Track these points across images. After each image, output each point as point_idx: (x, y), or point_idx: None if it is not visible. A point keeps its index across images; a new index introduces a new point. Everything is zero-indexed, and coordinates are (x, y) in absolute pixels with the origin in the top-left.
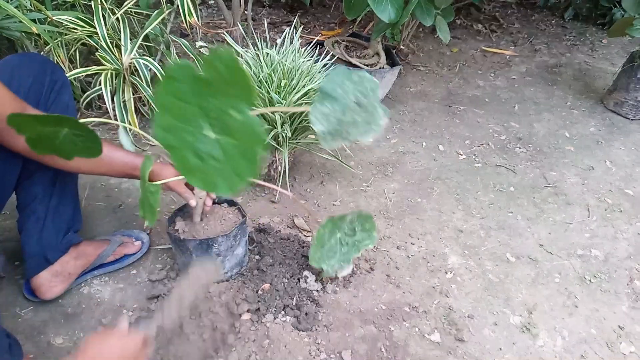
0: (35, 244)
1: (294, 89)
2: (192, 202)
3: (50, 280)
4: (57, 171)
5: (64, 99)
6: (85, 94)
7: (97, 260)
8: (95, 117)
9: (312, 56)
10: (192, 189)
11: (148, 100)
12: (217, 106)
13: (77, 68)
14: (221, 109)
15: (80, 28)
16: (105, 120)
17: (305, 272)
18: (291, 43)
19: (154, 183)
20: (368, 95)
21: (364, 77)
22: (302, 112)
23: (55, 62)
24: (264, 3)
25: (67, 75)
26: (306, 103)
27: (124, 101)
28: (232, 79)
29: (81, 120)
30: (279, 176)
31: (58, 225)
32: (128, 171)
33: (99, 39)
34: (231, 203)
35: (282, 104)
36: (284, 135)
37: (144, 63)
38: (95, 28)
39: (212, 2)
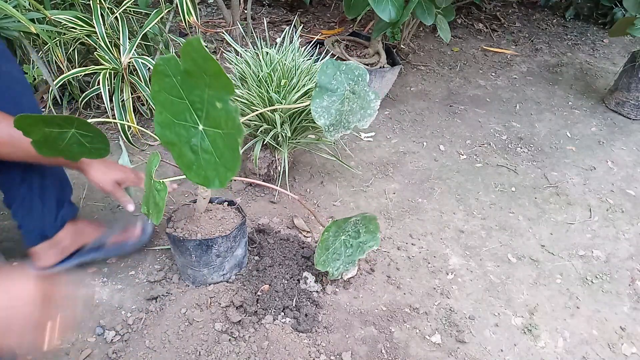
0: (30, 223)
1: (293, 88)
2: (130, 207)
3: (46, 251)
4: None
5: (2, 69)
6: (84, 94)
7: (96, 241)
8: (93, 116)
9: (312, 55)
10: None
11: (147, 100)
12: (202, 97)
13: (75, 67)
14: (206, 100)
15: (78, 27)
16: (105, 119)
17: (305, 273)
18: (291, 42)
19: (160, 181)
20: (358, 83)
21: (350, 65)
22: (302, 112)
23: (53, 61)
24: (264, 2)
25: (66, 75)
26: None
27: (123, 101)
28: (206, 67)
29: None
30: (279, 176)
31: (48, 202)
32: (61, 162)
33: (98, 38)
34: (231, 203)
35: (281, 103)
36: (283, 135)
37: (142, 62)
38: (94, 27)
39: (212, 1)
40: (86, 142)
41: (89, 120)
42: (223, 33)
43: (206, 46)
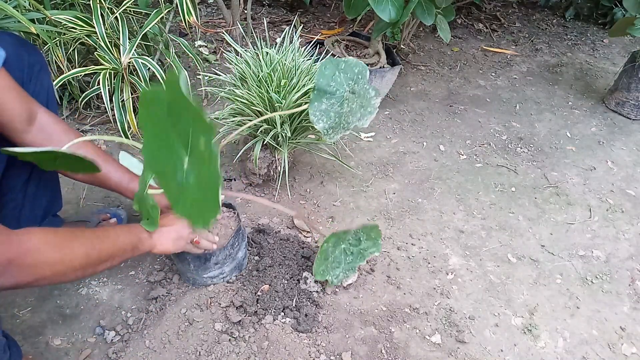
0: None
1: (293, 89)
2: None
3: None
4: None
5: (45, 84)
6: (84, 94)
7: None
8: (93, 116)
9: (312, 55)
10: None
11: None
12: (187, 133)
13: (75, 68)
14: (190, 137)
15: (78, 27)
16: (101, 136)
17: (305, 273)
18: (291, 42)
19: (151, 196)
20: (358, 81)
21: (349, 62)
22: (302, 112)
23: (53, 61)
24: (264, 2)
25: (66, 75)
26: (306, 102)
27: (123, 101)
28: (185, 107)
29: (81, 140)
30: (279, 176)
31: (35, 212)
32: (120, 191)
33: (98, 38)
34: (229, 206)
35: (281, 103)
36: (283, 135)
37: (142, 62)
38: (94, 27)
39: (212, 1)
40: (74, 162)
41: (85, 125)
42: (223, 33)
43: (206, 46)
